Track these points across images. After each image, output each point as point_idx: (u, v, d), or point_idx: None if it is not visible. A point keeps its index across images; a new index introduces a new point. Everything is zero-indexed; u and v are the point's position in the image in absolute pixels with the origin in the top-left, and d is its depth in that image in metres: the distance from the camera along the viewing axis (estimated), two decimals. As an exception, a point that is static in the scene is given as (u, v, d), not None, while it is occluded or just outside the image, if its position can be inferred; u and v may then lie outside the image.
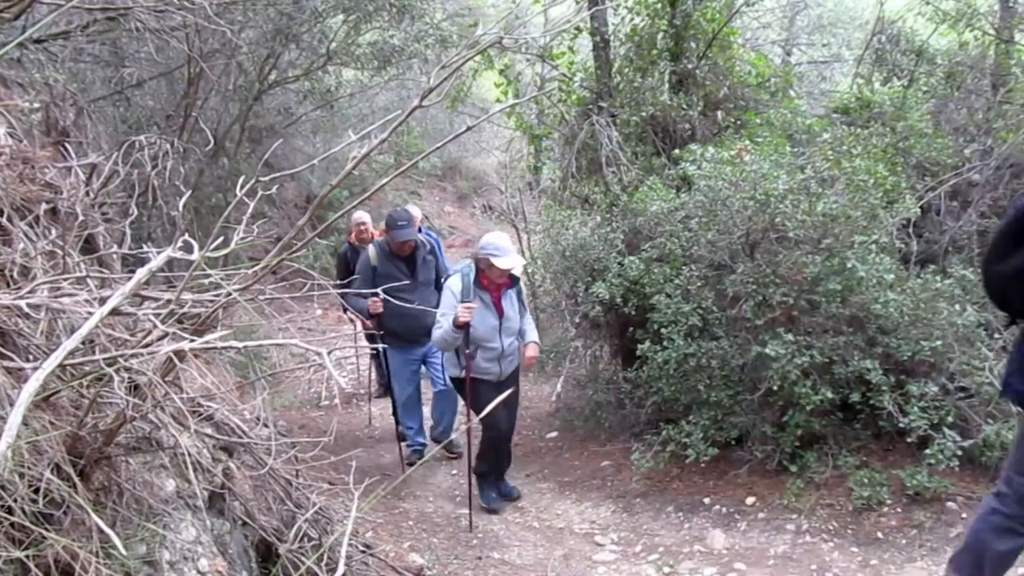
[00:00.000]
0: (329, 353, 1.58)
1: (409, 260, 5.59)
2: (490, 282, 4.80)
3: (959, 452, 3.95)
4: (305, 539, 2.71)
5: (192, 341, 1.59)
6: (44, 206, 2.74)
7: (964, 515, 4.01)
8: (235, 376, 3.58)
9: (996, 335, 4.39)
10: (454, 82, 7.69)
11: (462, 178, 17.39)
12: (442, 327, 4.70)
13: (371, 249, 5.67)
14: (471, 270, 4.82)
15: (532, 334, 5.05)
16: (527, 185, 12.09)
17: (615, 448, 5.75)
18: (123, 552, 1.53)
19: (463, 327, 4.62)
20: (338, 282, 5.83)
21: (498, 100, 7.79)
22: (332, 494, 3.23)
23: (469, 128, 2.16)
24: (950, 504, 4.09)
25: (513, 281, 4.93)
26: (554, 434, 6.40)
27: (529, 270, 6.88)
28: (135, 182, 3.44)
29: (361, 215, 6.97)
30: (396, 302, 4.21)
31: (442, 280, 5.40)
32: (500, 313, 4.84)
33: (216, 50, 6.69)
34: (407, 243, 5.53)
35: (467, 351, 4.74)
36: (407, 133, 13.48)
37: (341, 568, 1.85)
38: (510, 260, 4.72)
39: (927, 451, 4.03)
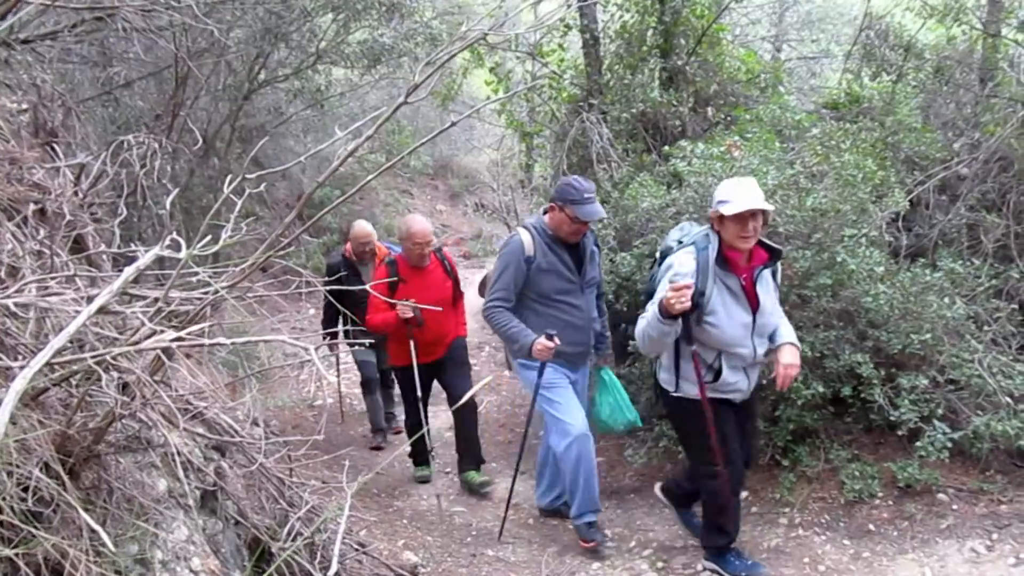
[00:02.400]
0: (317, 349, 1.59)
1: (574, 251, 4.28)
2: (739, 258, 3.38)
3: (949, 444, 3.97)
4: (298, 538, 2.71)
5: (179, 334, 1.59)
6: (32, 206, 2.74)
7: (955, 507, 4.04)
8: (226, 376, 3.58)
9: (985, 327, 4.42)
10: (441, 78, 7.69)
11: (454, 176, 17.43)
12: (644, 317, 3.36)
13: (523, 234, 4.23)
14: (710, 242, 3.36)
15: (789, 331, 3.58)
16: (519, 183, 12.12)
17: (608, 444, 5.75)
18: (113, 549, 1.53)
19: (676, 317, 3.19)
20: (327, 278, 5.60)
21: (488, 98, 7.80)
22: (325, 492, 3.24)
23: (454, 123, 2.17)
24: (941, 496, 4.11)
25: (772, 256, 3.48)
26: (548, 431, 6.39)
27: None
28: (124, 182, 3.43)
29: (363, 228, 5.91)
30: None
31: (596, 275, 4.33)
32: (754, 305, 3.44)
33: (205, 49, 6.67)
34: (586, 225, 4.18)
35: (692, 348, 3.44)
36: (398, 132, 13.50)
37: (335, 566, 1.85)
38: (744, 200, 3.19)
39: (918, 443, 4.05)
